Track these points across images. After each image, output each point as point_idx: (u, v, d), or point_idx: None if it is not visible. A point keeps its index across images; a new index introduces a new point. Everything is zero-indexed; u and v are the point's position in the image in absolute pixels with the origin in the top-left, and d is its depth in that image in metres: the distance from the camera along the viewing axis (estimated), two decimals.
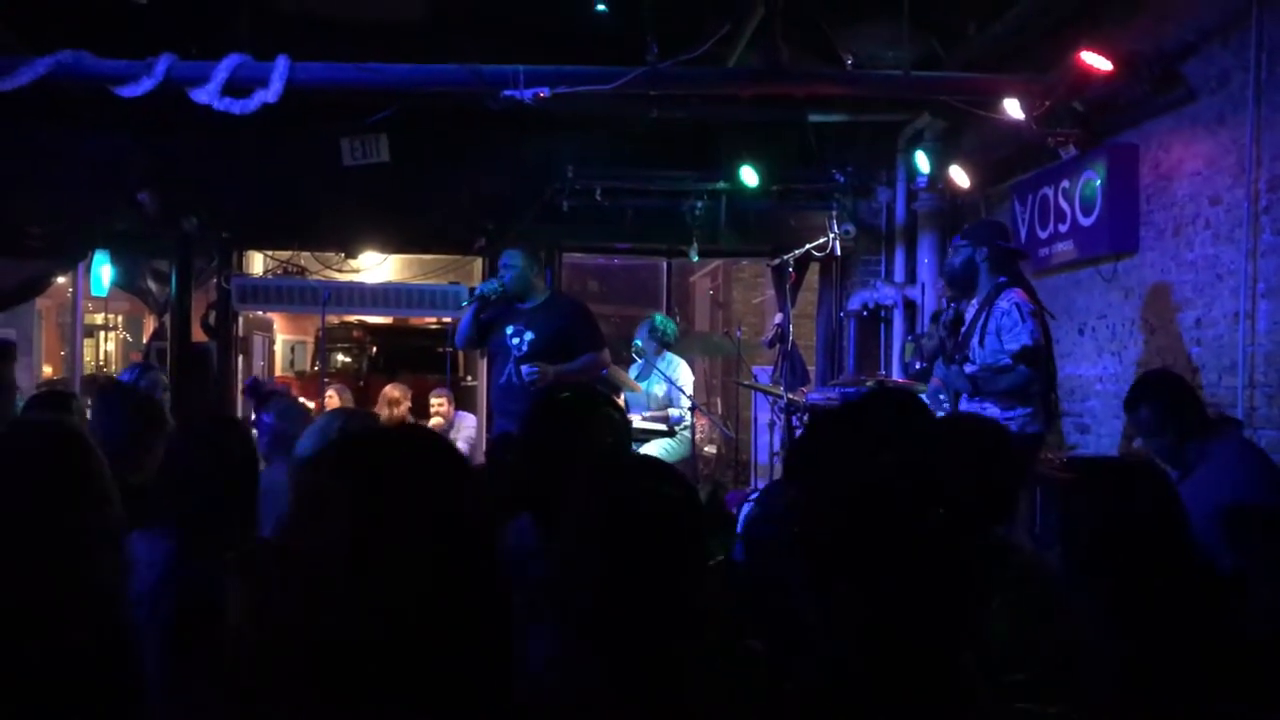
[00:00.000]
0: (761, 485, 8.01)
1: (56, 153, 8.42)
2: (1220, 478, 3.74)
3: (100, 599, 1.90)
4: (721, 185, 8.73)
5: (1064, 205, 6.58)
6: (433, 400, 9.32)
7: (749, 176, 8.49)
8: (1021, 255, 5.78)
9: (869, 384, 6.77)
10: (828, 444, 2.06)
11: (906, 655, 1.69)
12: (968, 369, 5.05)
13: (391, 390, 9.36)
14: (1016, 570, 2.34)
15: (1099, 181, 6.20)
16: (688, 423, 7.72)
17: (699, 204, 8.78)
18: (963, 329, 5.32)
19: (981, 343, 5.07)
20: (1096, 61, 5.79)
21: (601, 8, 7.09)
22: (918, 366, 6.83)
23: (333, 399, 9.74)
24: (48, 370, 16.65)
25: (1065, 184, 6.56)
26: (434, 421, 8.99)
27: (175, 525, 2.66)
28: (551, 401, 3.04)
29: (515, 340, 5.70)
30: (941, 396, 5.33)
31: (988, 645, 1.90)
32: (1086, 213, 6.34)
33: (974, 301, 5.28)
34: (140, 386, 5.51)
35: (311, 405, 9.82)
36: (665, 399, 7.75)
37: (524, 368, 5.62)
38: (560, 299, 6.13)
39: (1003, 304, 5.03)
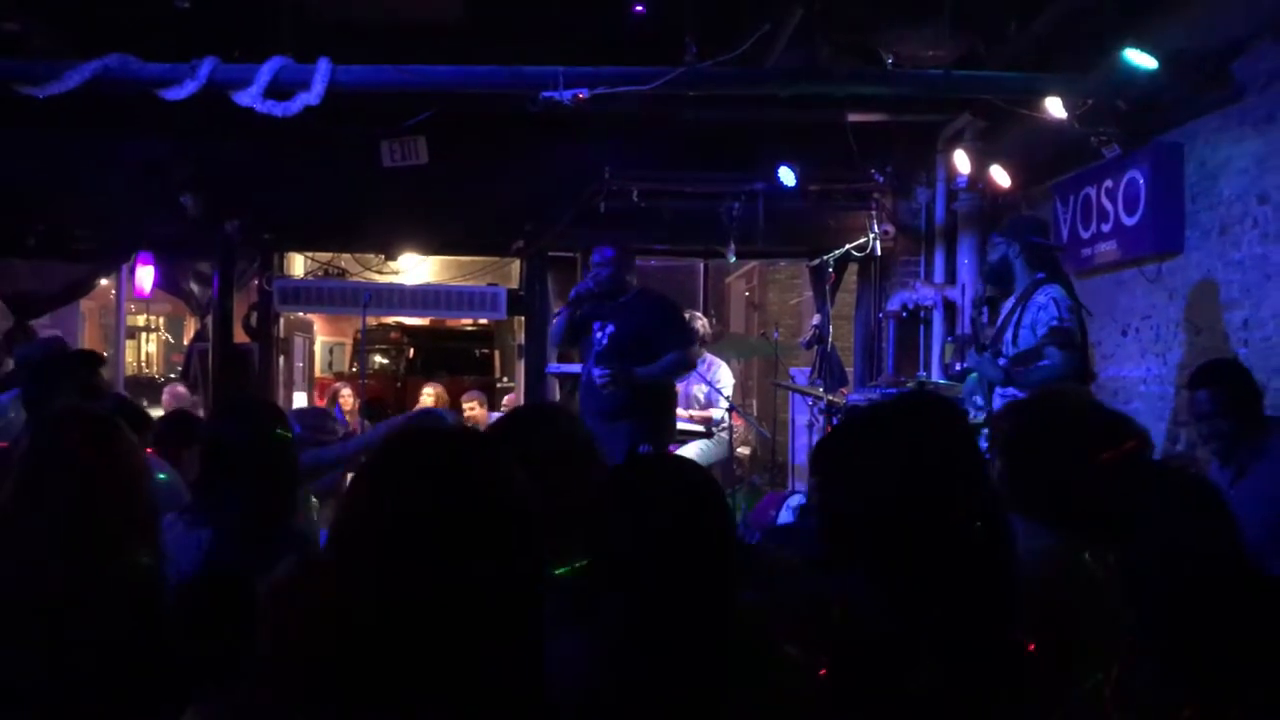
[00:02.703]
0: (800, 487, 7.98)
1: (101, 156, 8.53)
2: (1277, 477, 3.68)
3: (136, 586, 1.91)
4: (759, 186, 8.70)
5: (1107, 205, 6.52)
6: (464, 403, 9.36)
7: (787, 177, 8.45)
8: (1057, 250, 5.73)
9: (909, 385, 6.73)
10: (853, 445, 2.04)
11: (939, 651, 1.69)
12: (1000, 361, 5.03)
13: (427, 392, 9.43)
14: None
15: (1143, 181, 6.13)
16: (725, 423, 7.71)
17: (736, 205, 8.75)
18: (998, 321, 5.29)
19: (1015, 339, 5.04)
20: (1140, 59, 5.72)
21: (640, 9, 7.09)
22: (958, 368, 6.79)
23: (346, 399, 9.83)
24: None
25: (1108, 183, 6.50)
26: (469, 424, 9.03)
27: (214, 513, 2.65)
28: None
29: (599, 335, 5.71)
30: (977, 399, 5.29)
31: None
32: (1130, 212, 6.28)
33: (1010, 298, 5.25)
34: None
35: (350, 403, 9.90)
36: (706, 401, 7.74)
37: (595, 370, 5.61)
38: (648, 294, 6.02)
39: (1040, 299, 5.00)
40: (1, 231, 8.70)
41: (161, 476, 3.07)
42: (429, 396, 9.44)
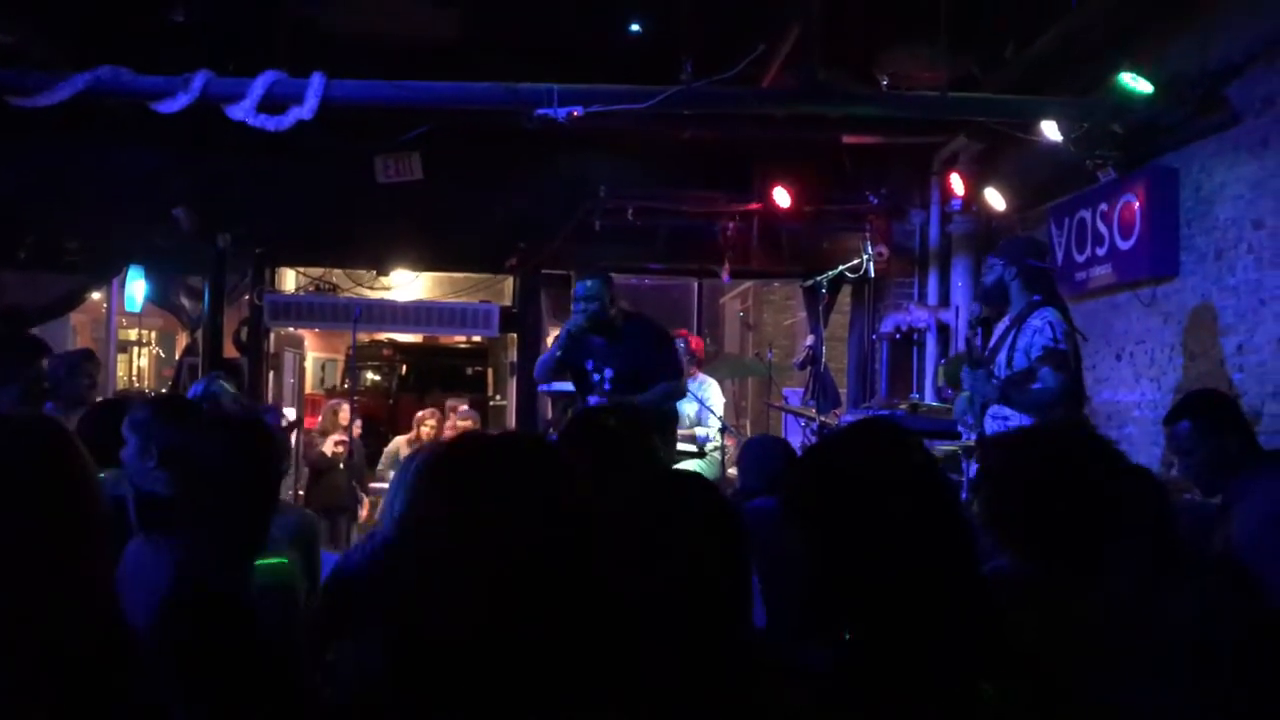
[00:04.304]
0: None
1: (93, 168, 8.50)
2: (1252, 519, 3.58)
3: (87, 599, 1.85)
4: (754, 206, 8.71)
5: (1102, 228, 6.51)
6: (458, 421, 9.30)
7: (781, 197, 8.45)
8: (1053, 272, 5.70)
9: (902, 407, 6.71)
10: (803, 481, 1.99)
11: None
12: (993, 382, 4.99)
13: (429, 423, 9.39)
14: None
15: (1138, 204, 6.12)
16: (718, 444, 7.67)
17: (731, 225, 8.75)
18: (992, 342, 5.26)
19: (1010, 361, 5.00)
20: (1137, 84, 5.74)
21: (636, 28, 7.10)
22: (950, 393, 6.77)
23: (344, 414, 9.78)
24: None
25: (1103, 207, 6.49)
26: None
27: (187, 534, 2.60)
28: (585, 423, 3.00)
29: (597, 377, 5.63)
30: (968, 419, 5.25)
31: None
32: (1125, 236, 6.27)
33: (1005, 320, 5.22)
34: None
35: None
36: (695, 419, 7.70)
37: (590, 400, 5.57)
38: (639, 326, 5.80)
39: (1035, 321, 4.96)
40: None
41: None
42: (429, 423, 9.38)
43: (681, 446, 7.36)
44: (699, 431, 7.61)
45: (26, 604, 1.77)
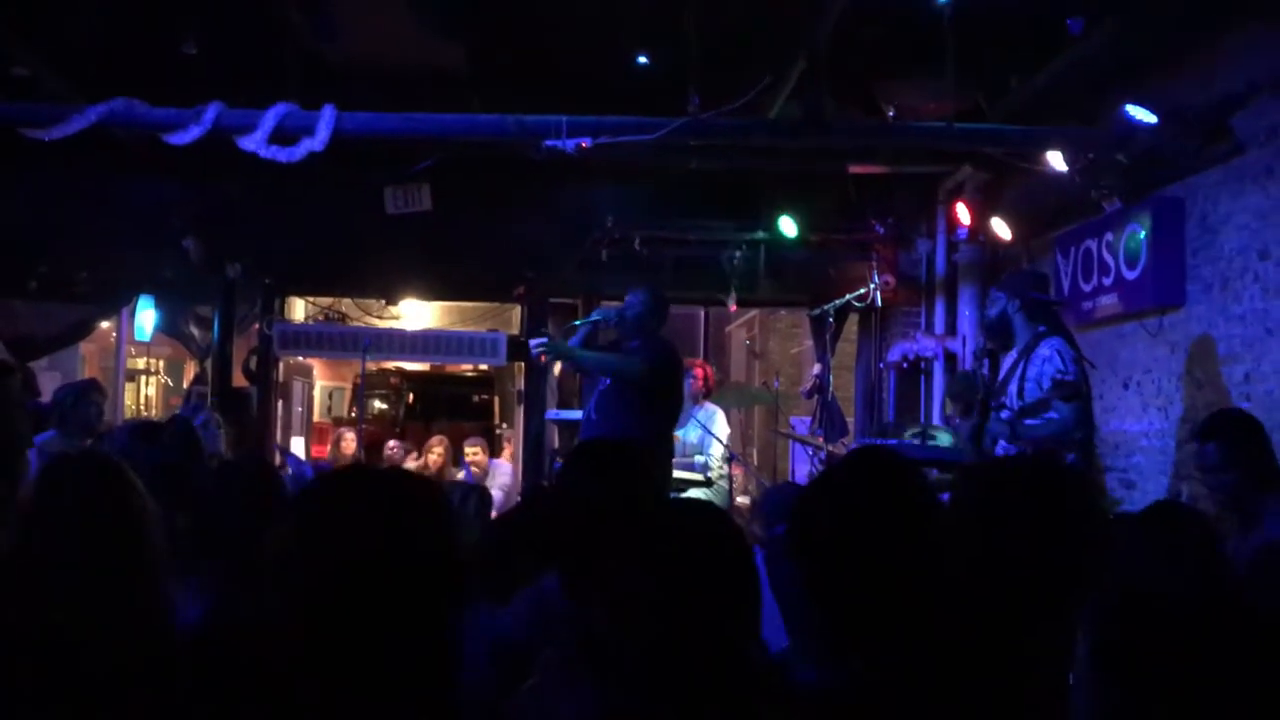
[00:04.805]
0: None
1: (104, 199, 8.56)
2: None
3: (143, 633, 1.87)
4: (760, 235, 8.75)
5: (1108, 258, 6.53)
6: (467, 449, 9.34)
7: (788, 227, 8.50)
8: (1057, 305, 5.72)
9: (910, 435, 6.71)
10: (809, 510, 2.01)
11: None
12: (1003, 415, 5.01)
13: (437, 450, 9.43)
14: None
15: (1144, 234, 6.14)
16: (724, 472, 7.67)
17: (737, 254, 8.78)
18: (1000, 375, 5.27)
19: (1021, 392, 5.02)
20: (1141, 114, 5.76)
21: (643, 60, 7.14)
22: (958, 421, 6.77)
23: (349, 443, 9.81)
24: None
25: (1109, 237, 6.51)
26: (471, 470, 9.02)
27: (208, 562, 2.63)
28: (586, 451, 3.00)
29: (602, 383, 5.69)
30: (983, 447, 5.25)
31: None
32: (1131, 266, 6.29)
33: (1012, 352, 5.24)
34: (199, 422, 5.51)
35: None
36: (696, 445, 7.71)
37: (531, 341, 5.60)
38: (654, 342, 5.79)
39: (1043, 351, 4.98)
40: (3, 272, 8.71)
41: None
42: (437, 450, 9.41)
43: (687, 475, 7.37)
44: (697, 459, 7.62)
45: (89, 633, 1.79)
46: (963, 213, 7.97)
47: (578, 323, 6.26)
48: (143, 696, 1.84)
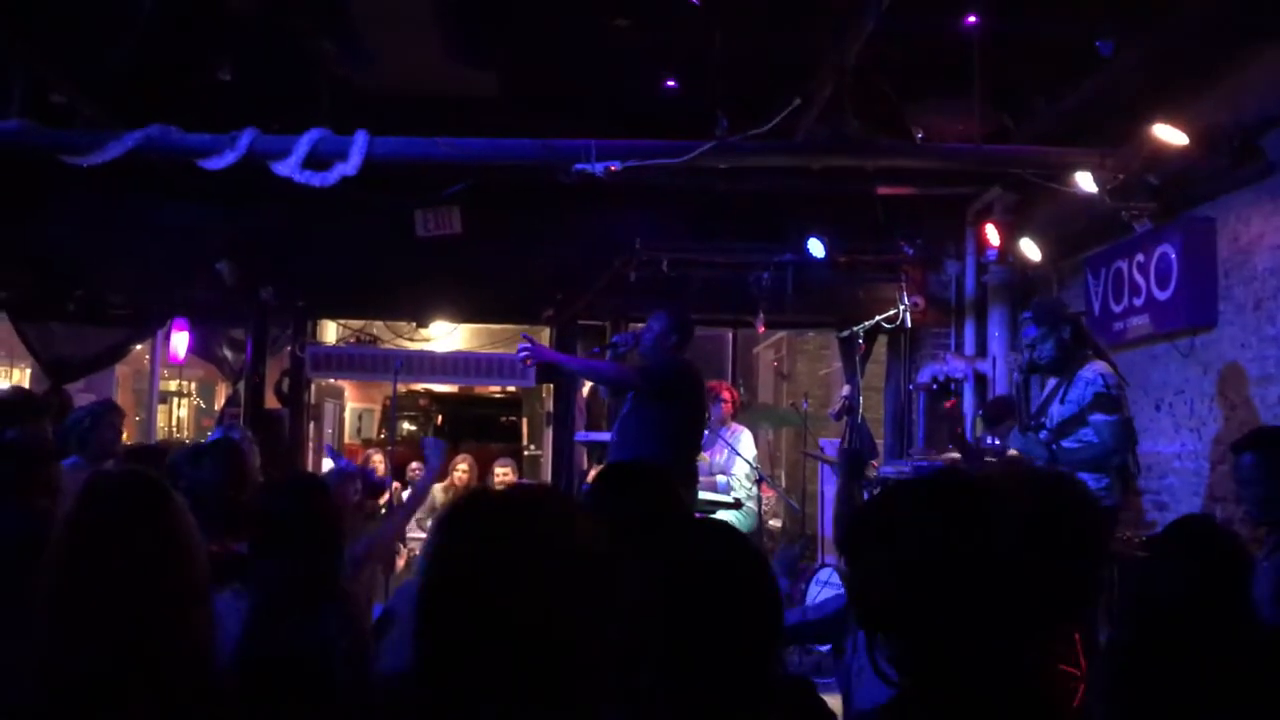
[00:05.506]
0: (830, 560, 7.90)
1: (139, 223, 8.69)
2: None
3: (188, 657, 1.89)
4: (788, 257, 8.75)
5: (1139, 279, 6.50)
6: (497, 470, 9.36)
7: (816, 248, 8.50)
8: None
9: (942, 458, 6.68)
10: (888, 518, 2.00)
11: None
12: (1042, 435, 5.03)
13: (461, 467, 9.46)
14: None
15: (1174, 255, 6.11)
16: (752, 493, 7.67)
17: (765, 275, 8.79)
18: (1042, 396, 5.29)
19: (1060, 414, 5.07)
20: (1171, 135, 5.74)
21: (671, 84, 7.19)
22: (989, 441, 6.73)
23: (378, 465, 9.85)
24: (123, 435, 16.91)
25: (1140, 257, 6.48)
26: None
27: (258, 584, 2.69)
28: (610, 474, 3.02)
29: (627, 405, 5.72)
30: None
31: None
32: (1162, 286, 6.25)
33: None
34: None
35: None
36: (720, 466, 7.71)
37: (519, 345, 5.61)
38: (666, 358, 5.75)
39: (1086, 374, 5.02)
40: (41, 296, 8.85)
41: None
42: (462, 468, 9.45)
43: (716, 497, 7.37)
44: (720, 479, 7.62)
45: (134, 651, 1.81)
46: (992, 234, 7.95)
47: (596, 350, 6.30)
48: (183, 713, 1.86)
